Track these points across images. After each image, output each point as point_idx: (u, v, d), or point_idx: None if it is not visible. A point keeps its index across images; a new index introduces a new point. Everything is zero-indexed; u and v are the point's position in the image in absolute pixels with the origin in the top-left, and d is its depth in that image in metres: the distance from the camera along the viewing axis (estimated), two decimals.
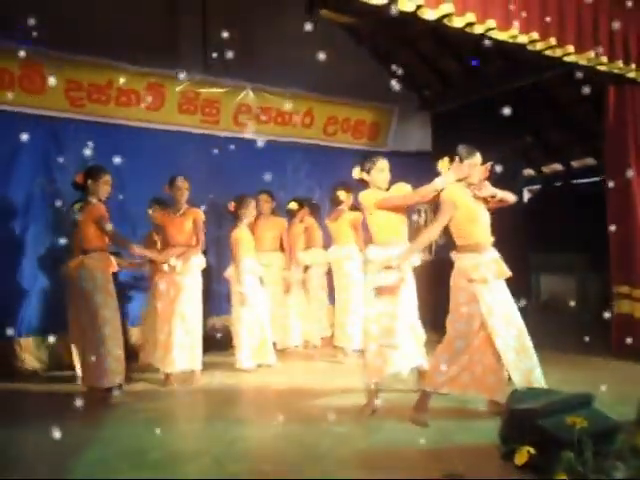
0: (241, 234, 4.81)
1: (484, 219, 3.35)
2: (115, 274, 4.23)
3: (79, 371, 4.21)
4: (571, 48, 4.09)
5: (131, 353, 4.61)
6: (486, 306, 3.22)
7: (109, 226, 3.92)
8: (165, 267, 4.31)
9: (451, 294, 3.35)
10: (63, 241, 4.50)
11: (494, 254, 3.35)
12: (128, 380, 4.15)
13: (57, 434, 2.95)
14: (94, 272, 3.93)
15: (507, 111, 3.18)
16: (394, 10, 3.30)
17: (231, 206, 4.88)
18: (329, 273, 5.53)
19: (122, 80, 5.10)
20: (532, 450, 2.35)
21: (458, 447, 2.97)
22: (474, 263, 3.25)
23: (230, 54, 3.41)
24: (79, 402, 3.67)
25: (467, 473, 2.26)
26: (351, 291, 5.06)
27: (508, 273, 3.34)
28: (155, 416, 3.65)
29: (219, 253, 5.61)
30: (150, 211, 4.94)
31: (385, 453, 2.93)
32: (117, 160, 3.70)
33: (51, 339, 4.57)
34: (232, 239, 4.79)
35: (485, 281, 3.23)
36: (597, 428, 2.59)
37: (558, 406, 2.75)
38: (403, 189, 3.64)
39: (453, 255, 3.38)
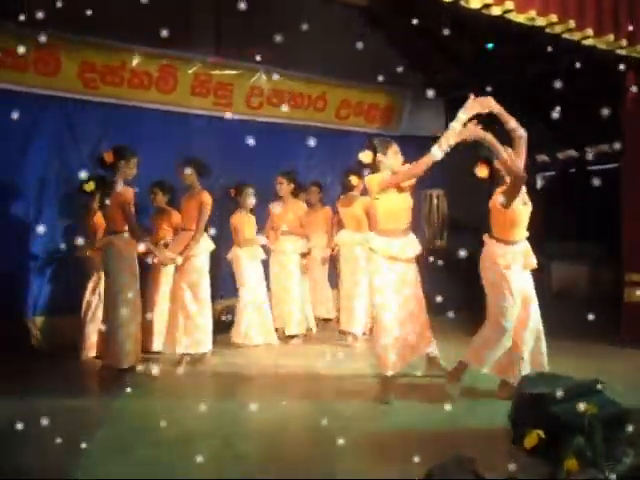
0: (240, 219, 5.05)
1: (525, 220, 3.43)
2: None
3: (87, 350, 4.29)
4: (590, 31, 4.01)
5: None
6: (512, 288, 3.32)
7: (132, 213, 3.96)
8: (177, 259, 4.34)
9: (482, 277, 3.45)
10: (77, 222, 4.55)
11: (525, 245, 3.44)
12: (143, 360, 4.20)
13: (72, 411, 3.03)
14: (122, 252, 3.96)
15: (522, 96, 3.13)
16: None
17: (232, 192, 5.11)
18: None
19: (135, 62, 5.10)
20: (542, 434, 2.36)
21: (468, 431, 2.99)
22: (502, 251, 3.35)
23: (243, 36, 3.38)
24: (95, 380, 3.77)
25: (476, 456, 2.27)
26: (359, 276, 5.07)
27: (534, 265, 3.44)
28: (167, 395, 3.72)
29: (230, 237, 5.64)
30: (157, 194, 4.96)
31: (394, 436, 2.96)
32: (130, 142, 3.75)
33: (66, 318, 4.64)
34: (231, 224, 5.04)
35: (508, 268, 3.31)
36: (607, 414, 2.59)
37: (569, 391, 2.75)
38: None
39: (485, 238, 3.46)
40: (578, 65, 4.91)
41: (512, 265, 3.32)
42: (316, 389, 3.81)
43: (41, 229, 4.54)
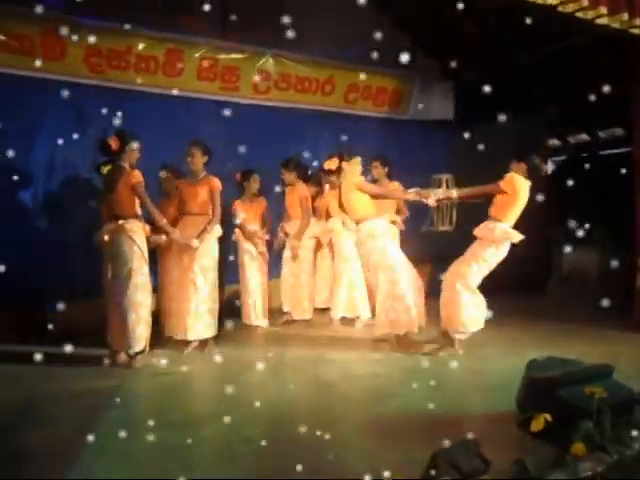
0: (241, 205, 5.07)
1: None
2: None
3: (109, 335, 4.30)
4: (604, 9, 3.92)
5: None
6: None
7: (145, 194, 3.99)
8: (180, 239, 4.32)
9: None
10: (87, 206, 4.55)
11: None
12: (153, 345, 4.22)
13: (82, 394, 3.05)
14: (133, 237, 3.96)
15: (532, 80, 3.09)
16: None
17: (237, 177, 5.12)
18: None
19: (141, 46, 5.06)
20: (549, 417, 2.34)
21: (474, 414, 2.98)
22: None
23: (250, 20, 3.34)
24: (105, 364, 3.80)
25: (482, 440, 2.26)
26: (352, 263, 5.15)
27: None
28: (175, 380, 3.74)
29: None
30: (165, 179, 4.93)
31: (400, 420, 2.96)
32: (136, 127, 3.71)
33: (78, 304, 4.65)
34: (234, 209, 5.04)
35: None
36: (616, 399, 2.57)
37: (578, 376, 2.73)
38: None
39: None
40: (591, 46, 4.83)
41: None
42: (322, 373, 3.82)
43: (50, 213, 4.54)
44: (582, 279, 6.81)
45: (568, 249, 7.40)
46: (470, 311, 4.08)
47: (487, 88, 3.28)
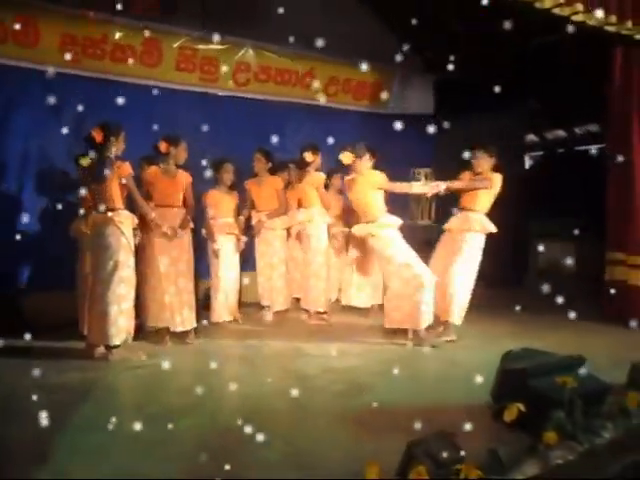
0: (215, 195, 4.99)
1: None
2: None
3: (84, 327, 4.24)
4: (580, 6, 3.97)
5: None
6: None
7: (135, 186, 3.98)
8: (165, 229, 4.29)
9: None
10: (60, 197, 4.47)
11: None
12: (133, 337, 4.15)
13: (58, 387, 3.00)
14: (122, 229, 3.91)
15: (511, 75, 3.14)
16: None
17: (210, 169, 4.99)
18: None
19: (118, 35, 4.98)
20: (522, 407, 2.38)
21: (449, 406, 3.01)
22: None
23: (230, 10, 3.31)
24: (81, 357, 3.75)
25: (458, 430, 2.29)
26: (324, 255, 5.16)
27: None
28: (152, 372, 3.71)
29: None
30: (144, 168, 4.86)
31: (376, 412, 2.97)
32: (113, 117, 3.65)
33: (53, 295, 4.58)
34: (206, 200, 4.96)
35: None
36: (587, 389, 2.63)
37: (550, 367, 2.78)
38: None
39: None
40: (567, 42, 4.90)
41: None
42: (300, 366, 3.83)
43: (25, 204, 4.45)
44: (558, 272, 6.92)
45: (544, 243, 7.55)
46: (462, 299, 4.31)
47: (466, 83, 3.32)
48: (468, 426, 2.27)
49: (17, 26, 4.52)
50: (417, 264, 4.23)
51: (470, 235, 4.32)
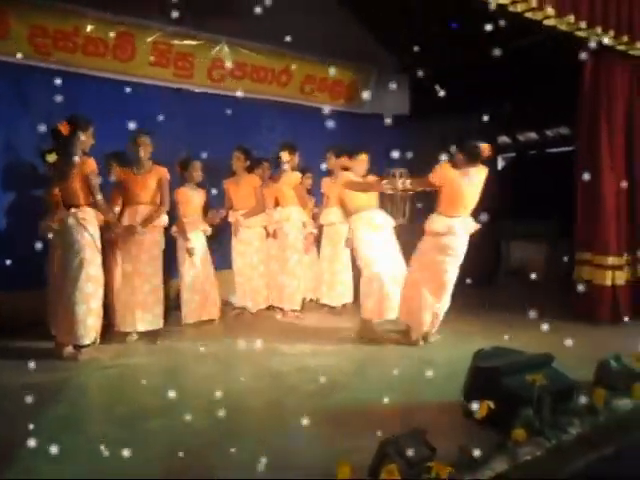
0: (184, 193, 4.94)
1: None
2: None
3: (54, 327, 4.15)
4: (551, 11, 4.04)
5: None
6: None
7: (97, 184, 3.87)
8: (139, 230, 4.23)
9: None
10: (28, 194, 4.36)
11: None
12: (102, 337, 4.09)
13: (26, 387, 2.93)
14: (87, 227, 3.83)
15: (485, 77, 3.17)
16: None
17: (177, 167, 4.95)
18: None
19: (90, 28, 4.88)
20: (491, 404, 2.42)
21: (422, 404, 3.04)
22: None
23: (205, 6, 3.27)
24: (50, 357, 3.67)
25: (430, 428, 2.31)
26: (301, 253, 5.25)
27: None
28: (122, 372, 3.66)
29: None
30: (113, 167, 4.77)
31: (350, 411, 2.99)
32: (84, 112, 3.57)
33: (20, 294, 4.46)
34: (175, 198, 4.87)
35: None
36: (556, 386, 2.68)
37: (520, 365, 2.83)
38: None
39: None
40: (540, 47, 4.97)
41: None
42: (274, 365, 3.81)
43: None
44: (530, 273, 7.05)
45: (516, 244, 7.68)
46: (428, 310, 4.23)
47: (441, 84, 3.36)
48: (440, 423, 2.30)
49: None
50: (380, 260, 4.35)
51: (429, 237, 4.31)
